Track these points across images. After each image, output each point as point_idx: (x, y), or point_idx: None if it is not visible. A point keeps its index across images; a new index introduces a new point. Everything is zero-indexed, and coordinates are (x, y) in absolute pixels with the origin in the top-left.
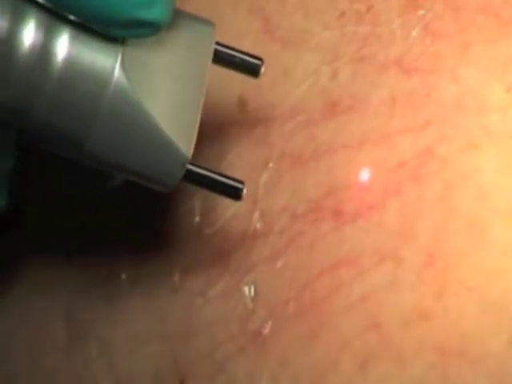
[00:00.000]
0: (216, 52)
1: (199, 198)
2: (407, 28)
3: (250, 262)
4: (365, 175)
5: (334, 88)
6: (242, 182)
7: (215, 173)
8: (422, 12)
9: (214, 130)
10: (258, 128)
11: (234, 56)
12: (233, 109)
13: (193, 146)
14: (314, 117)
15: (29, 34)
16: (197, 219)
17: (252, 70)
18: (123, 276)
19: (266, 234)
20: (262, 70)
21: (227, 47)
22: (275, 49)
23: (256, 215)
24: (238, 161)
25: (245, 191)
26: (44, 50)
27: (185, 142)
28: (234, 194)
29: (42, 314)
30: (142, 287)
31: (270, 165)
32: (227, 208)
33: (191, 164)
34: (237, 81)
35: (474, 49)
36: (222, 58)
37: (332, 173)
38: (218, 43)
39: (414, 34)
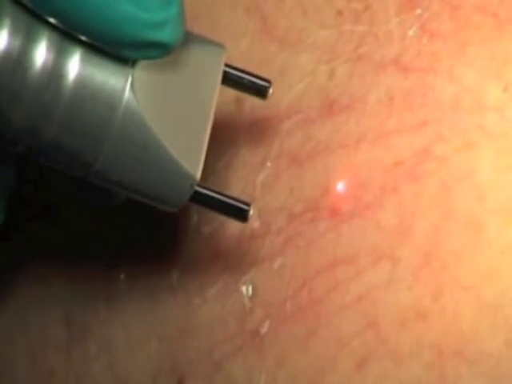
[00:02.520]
0: (225, 73)
1: None
2: (404, 27)
3: (247, 262)
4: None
5: (331, 87)
6: (248, 204)
7: (222, 194)
8: (419, 11)
9: (211, 129)
10: (255, 127)
11: (243, 78)
12: (230, 108)
13: (201, 167)
14: (311, 116)
15: (41, 53)
16: (195, 218)
17: (260, 92)
18: (122, 276)
19: (264, 234)
20: (270, 91)
21: (236, 69)
22: (272, 48)
23: (253, 215)
24: (235, 160)
25: (251, 213)
26: (55, 71)
27: (193, 164)
28: (241, 215)
29: (41, 314)
30: (140, 287)
31: (268, 164)
32: None
33: (199, 185)
34: None
35: (471, 48)
36: (230, 80)
37: (329, 172)
38: (226, 65)
39: (411, 33)
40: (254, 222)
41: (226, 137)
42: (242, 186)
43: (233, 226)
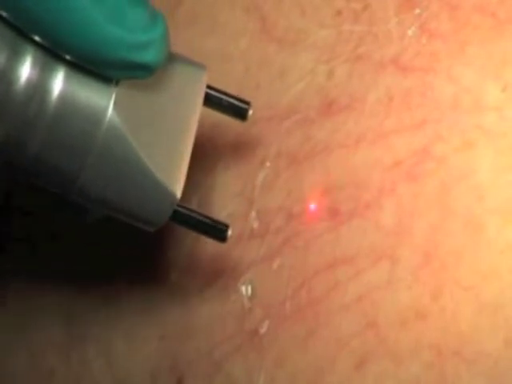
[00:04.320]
0: (205, 95)
1: (196, 198)
2: (403, 27)
3: (246, 262)
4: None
5: (330, 87)
6: (227, 226)
7: (201, 215)
8: (418, 11)
9: (210, 130)
10: (254, 127)
11: (222, 99)
12: None
13: (181, 186)
14: (310, 116)
15: (25, 70)
16: None
17: (240, 114)
18: (121, 276)
19: (263, 234)
20: (250, 113)
21: (217, 90)
22: (272, 48)
23: (252, 215)
24: (234, 160)
25: (229, 233)
26: (39, 87)
27: (174, 183)
28: (219, 235)
29: (41, 314)
30: (139, 287)
31: (267, 164)
32: (224, 208)
33: (179, 205)
34: (233, 80)
35: (470, 48)
36: (211, 101)
37: (328, 172)
38: (208, 86)
39: (410, 33)
40: (253, 222)
41: (225, 137)
42: (241, 185)
43: (232, 226)
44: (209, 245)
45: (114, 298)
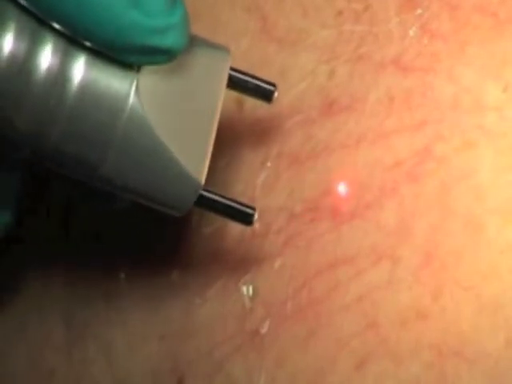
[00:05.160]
0: (230, 77)
1: None
2: (404, 27)
3: (247, 262)
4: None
5: (331, 87)
6: (253, 208)
7: (227, 198)
8: (419, 11)
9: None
10: (255, 127)
11: (248, 81)
12: (230, 108)
13: (205, 171)
14: (311, 116)
15: (46, 58)
16: (195, 218)
17: (265, 95)
18: (122, 276)
19: (264, 234)
20: (276, 94)
21: (241, 72)
22: (272, 48)
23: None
24: (235, 160)
25: (256, 217)
26: (60, 75)
27: (198, 168)
28: (246, 219)
29: (41, 314)
30: (140, 287)
31: (268, 164)
32: None
33: (204, 190)
34: None
35: (471, 48)
36: (235, 83)
37: (329, 172)
38: (231, 68)
39: (411, 33)
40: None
41: (226, 137)
42: (243, 185)
43: (233, 226)
44: (210, 245)
45: (114, 298)
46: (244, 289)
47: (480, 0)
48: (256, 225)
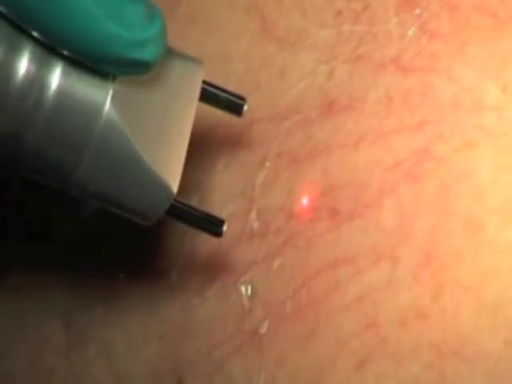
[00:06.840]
0: (202, 90)
1: (196, 198)
2: (404, 27)
3: (246, 262)
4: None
5: (330, 87)
6: (222, 221)
7: (197, 210)
8: (418, 11)
9: (210, 129)
10: (254, 127)
11: (219, 96)
12: None
13: (178, 181)
14: (310, 116)
15: (23, 65)
16: None
17: (235, 109)
18: (121, 276)
19: (263, 234)
20: (245, 108)
21: (213, 86)
22: (272, 48)
23: (253, 214)
24: (234, 160)
25: (225, 229)
26: (37, 82)
27: (171, 177)
28: (215, 231)
29: (40, 315)
30: (139, 287)
31: (267, 164)
32: (224, 207)
33: (175, 200)
34: (233, 80)
35: (470, 48)
36: (207, 97)
37: (328, 172)
38: (204, 82)
39: (410, 33)
40: (253, 221)
41: (225, 137)
42: (242, 185)
43: (232, 226)
44: (209, 244)
45: (113, 298)
46: (243, 289)
47: (480, 0)
48: (255, 224)
